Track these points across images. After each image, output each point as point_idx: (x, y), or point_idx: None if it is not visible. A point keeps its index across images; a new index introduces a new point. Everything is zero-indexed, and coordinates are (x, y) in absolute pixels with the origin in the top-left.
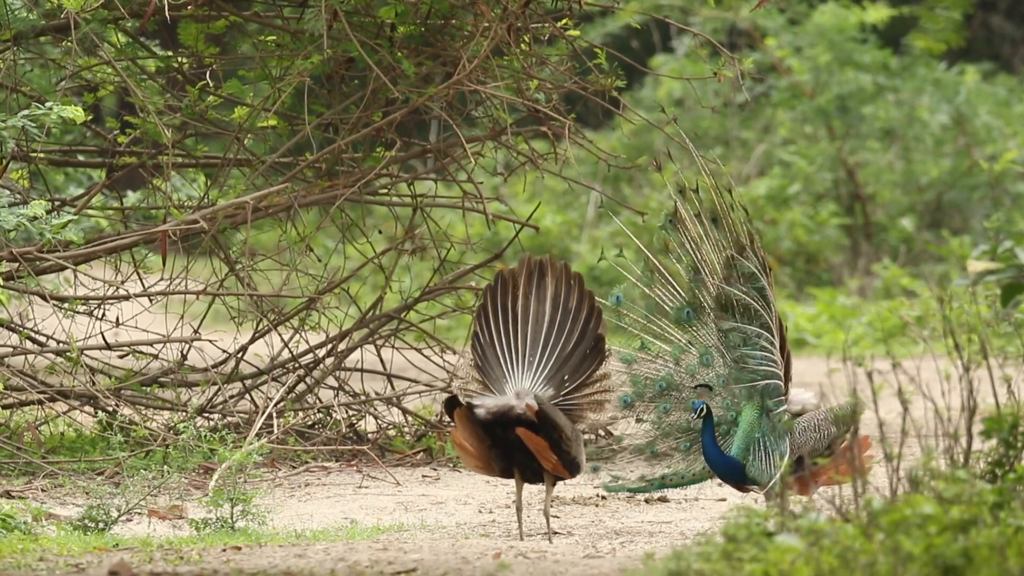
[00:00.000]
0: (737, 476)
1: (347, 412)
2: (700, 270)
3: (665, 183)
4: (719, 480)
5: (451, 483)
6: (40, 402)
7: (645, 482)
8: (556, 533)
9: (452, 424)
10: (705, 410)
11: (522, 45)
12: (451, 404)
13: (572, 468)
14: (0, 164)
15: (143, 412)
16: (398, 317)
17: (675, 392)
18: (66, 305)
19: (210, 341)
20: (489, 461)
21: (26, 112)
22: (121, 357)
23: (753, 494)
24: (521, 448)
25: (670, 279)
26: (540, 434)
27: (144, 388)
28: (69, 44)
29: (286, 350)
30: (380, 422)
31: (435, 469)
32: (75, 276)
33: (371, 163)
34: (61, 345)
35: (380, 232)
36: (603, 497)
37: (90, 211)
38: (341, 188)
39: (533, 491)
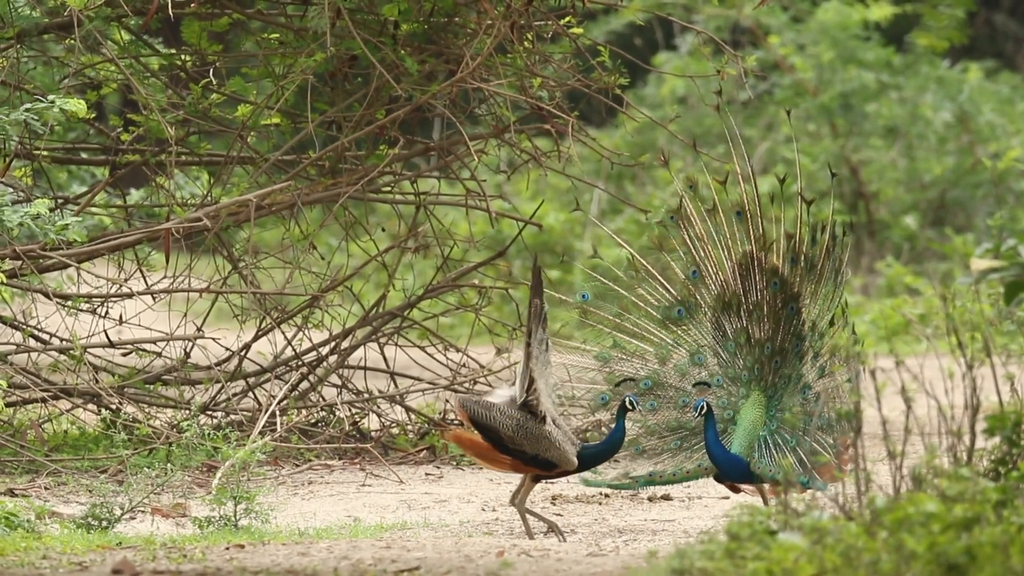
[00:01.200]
0: (741, 474)
1: (350, 410)
2: (701, 267)
3: (673, 178)
4: (714, 478)
5: (454, 481)
6: (43, 400)
7: (629, 479)
8: (538, 533)
9: (458, 423)
10: (706, 408)
11: (525, 43)
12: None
13: (542, 465)
14: (3, 162)
15: (146, 410)
16: (401, 315)
17: (661, 391)
18: (69, 303)
19: (213, 339)
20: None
21: (28, 106)
22: (124, 355)
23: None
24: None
25: (660, 278)
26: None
27: (147, 386)
28: (72, 42)
29: (289, 348)
30: (383, 420)
31: (438, 467)
32: (78, 274)
33: (374, 161)
34: (64, 343)
35: (383, 230)
36: (606, 495)
37: (93, 209)
38: (344, 186)
39: (536, 490)
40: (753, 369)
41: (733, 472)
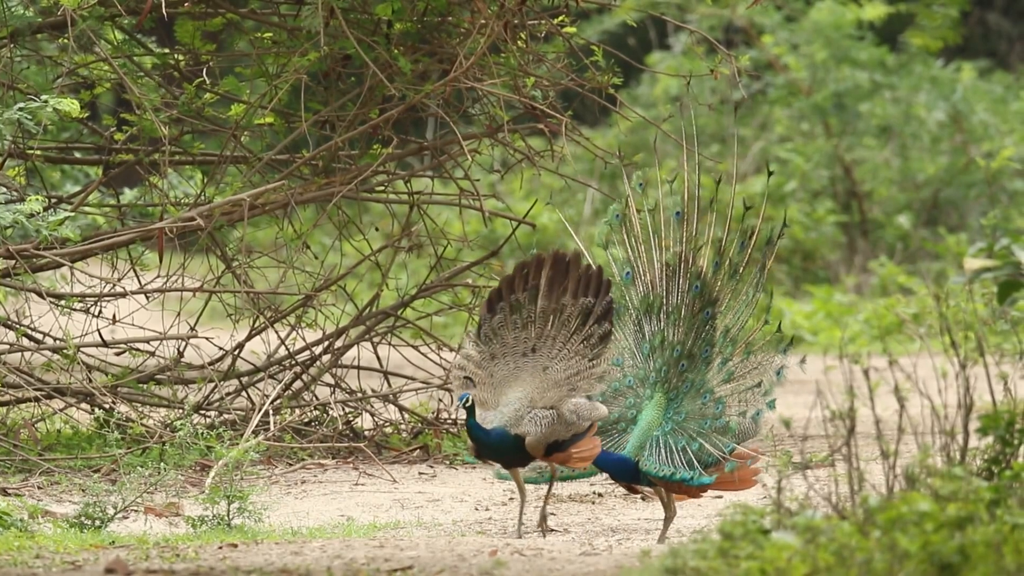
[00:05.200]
0: (627, 473)
1: (343, 409)
2: (635, 267)
3: (645, 177)
4: (610, 477)
5: (447, 480)
6: (37, 399)
7: (537, 472)
8: (553, 530)
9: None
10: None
11: (519, 42)
12: None
13: None
14: None
15: (140, 409)
16: (395, 314)
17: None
18: (63, 302)
19: (207, 338)
20: None
21: (21, 105)
22: (118, 354)
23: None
24: None
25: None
26: None
27: (141, 385)
28: (66, 41)
29: (283, 347)
30: (376, 419)
31: (431, 466)
32: (72, 273)
33: (368, 160)
34: (58, 342)
35: (377, 229)
36: (599, 494)
37: (87, 208)
38: (338, 185)
39: (530, 489)
40: (661, 371)
41: (616, 472)
